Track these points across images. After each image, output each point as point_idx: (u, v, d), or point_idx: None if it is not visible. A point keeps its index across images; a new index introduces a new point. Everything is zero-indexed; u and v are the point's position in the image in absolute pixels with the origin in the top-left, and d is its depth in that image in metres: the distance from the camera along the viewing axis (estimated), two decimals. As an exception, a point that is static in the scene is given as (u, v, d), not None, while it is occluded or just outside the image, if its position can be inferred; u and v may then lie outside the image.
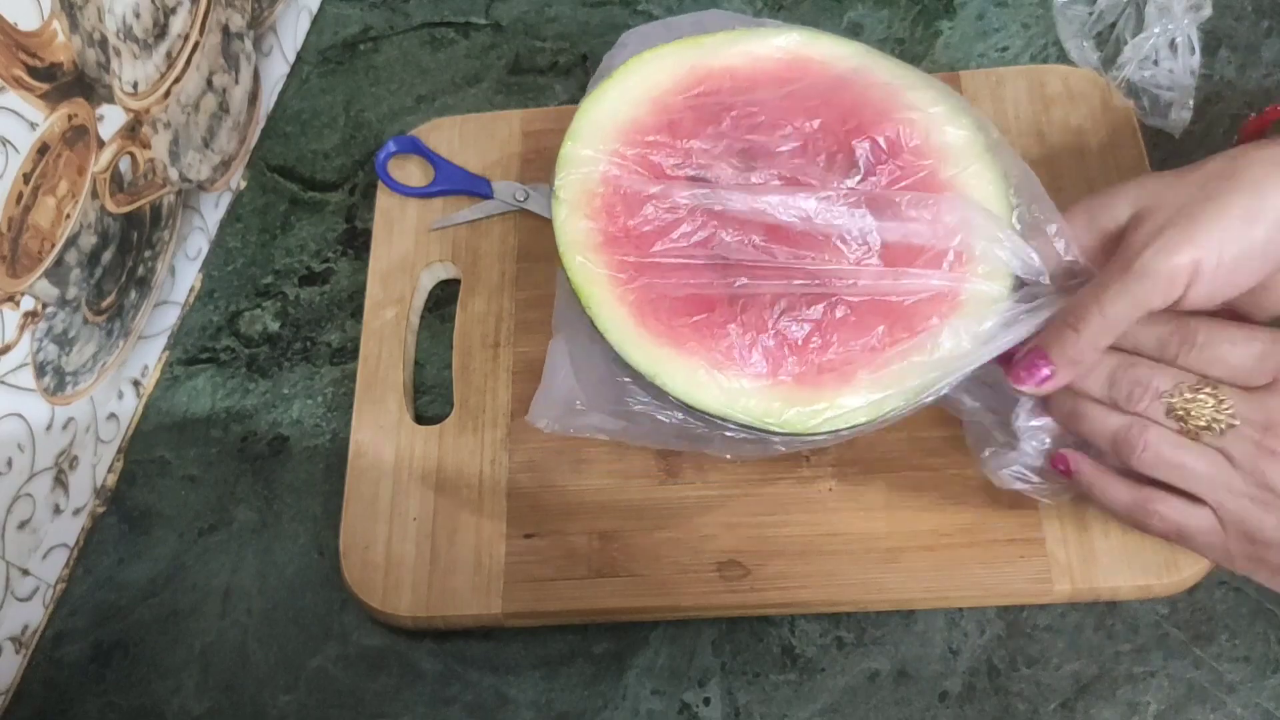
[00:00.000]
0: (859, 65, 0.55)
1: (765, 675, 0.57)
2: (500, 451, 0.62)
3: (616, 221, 0.53)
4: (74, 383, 0.62)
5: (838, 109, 0.54)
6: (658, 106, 0.55)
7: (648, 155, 0.54)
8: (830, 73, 0.55)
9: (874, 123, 0.54)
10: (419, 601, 0.59)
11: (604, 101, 0.55)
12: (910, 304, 0.51)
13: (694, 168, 0.54)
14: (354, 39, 0.81)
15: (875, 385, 0.51)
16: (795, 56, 0.56)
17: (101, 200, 0.62)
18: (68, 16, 0.58)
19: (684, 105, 0.55)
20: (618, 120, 0.55)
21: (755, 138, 0.54)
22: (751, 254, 0.52)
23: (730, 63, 0.55)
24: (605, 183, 0.54)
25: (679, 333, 0.52)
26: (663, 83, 0.55)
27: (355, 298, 0.70)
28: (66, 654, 0.62)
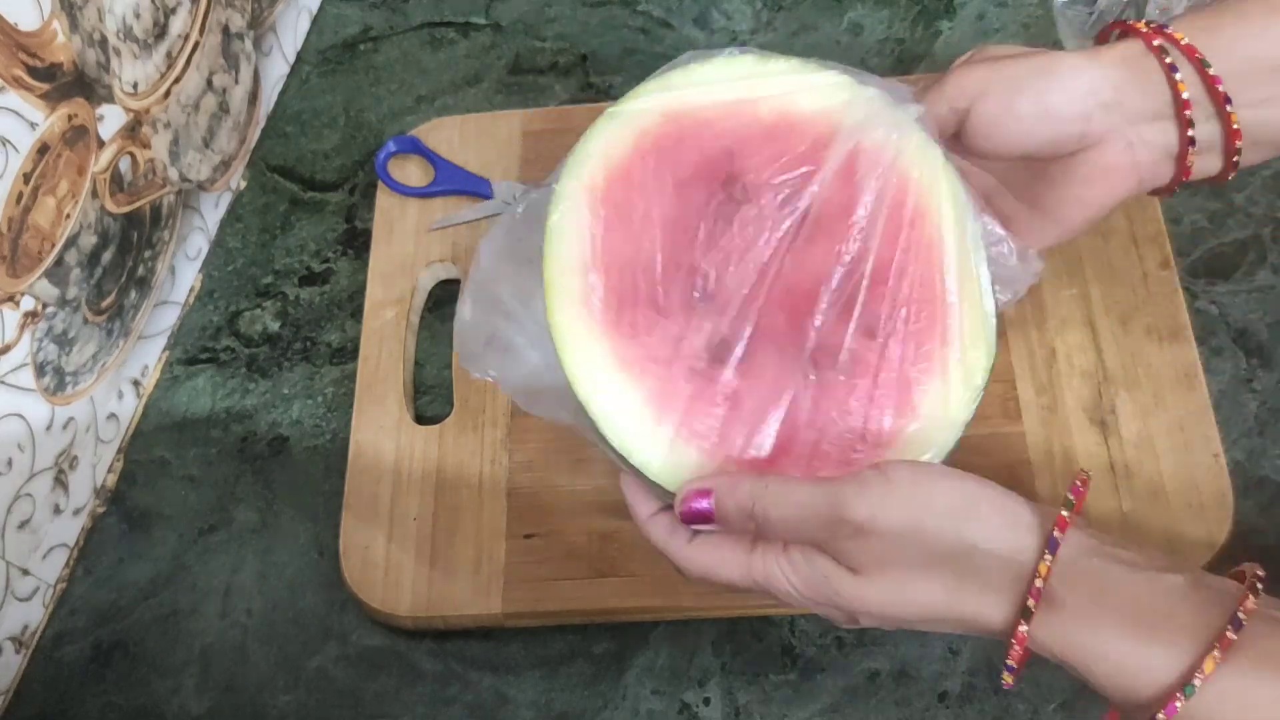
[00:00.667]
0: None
1: (765, 675, 0.57)
2: (500, 451, 0.62)
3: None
4: (74, 383, 0.62)
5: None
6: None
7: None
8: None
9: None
10: (419, 601, 0.59)
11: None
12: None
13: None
14: (354, 39, 0.81)
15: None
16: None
17: (101, 200, 0.62)
18: (68, 17, 0.58)
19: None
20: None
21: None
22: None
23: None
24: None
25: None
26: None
27: (355, 298, 0.70)
28: (66, 654, 0.62)
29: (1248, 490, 0.58)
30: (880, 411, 0.47)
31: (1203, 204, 0.66)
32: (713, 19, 0.78)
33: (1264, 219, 0.66)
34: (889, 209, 0.48)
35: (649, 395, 0.48)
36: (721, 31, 0.78)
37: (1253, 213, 0.66)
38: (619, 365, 0.48)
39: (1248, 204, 0.66)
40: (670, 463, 0.47)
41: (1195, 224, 0.66)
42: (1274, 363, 0.62)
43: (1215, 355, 0.62)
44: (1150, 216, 0.63)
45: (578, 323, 0.48)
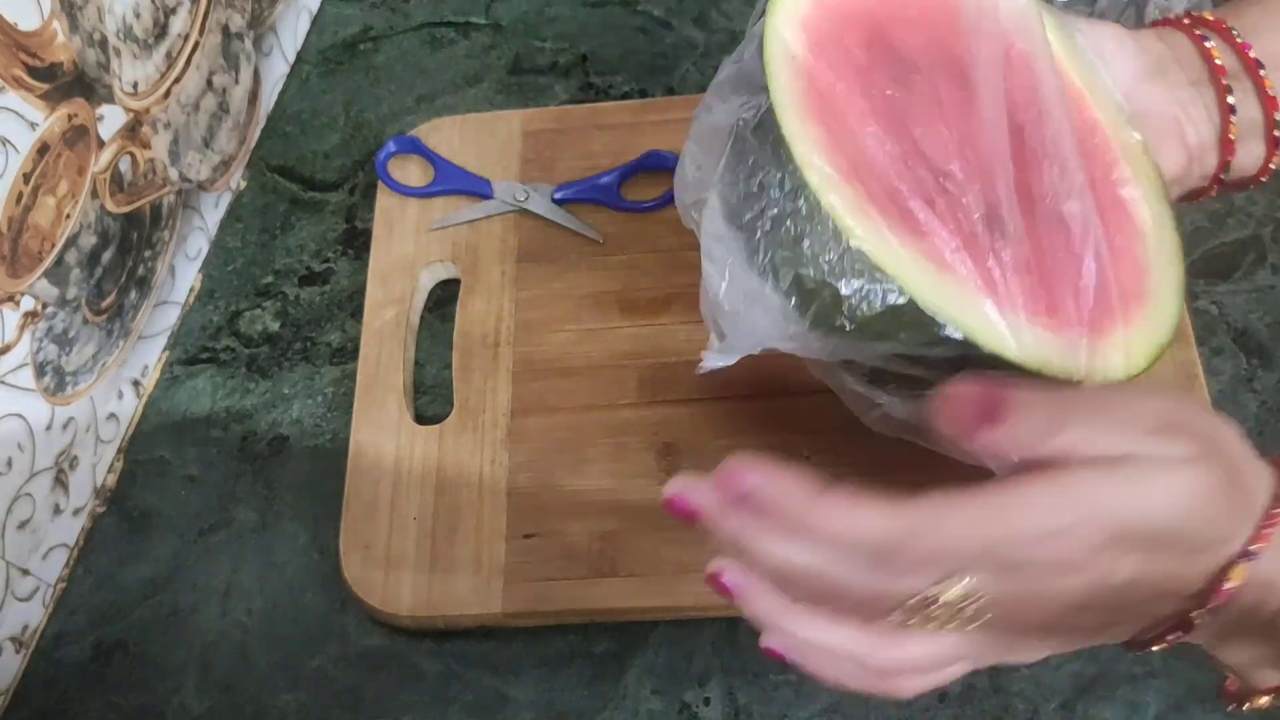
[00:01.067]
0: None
1: (765, 675, 0.57)
2: (500, 451, 0.62)
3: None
4: (74, 383, 0.62)
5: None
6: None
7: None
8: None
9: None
10: (419, 601, 0.59)
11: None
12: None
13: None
14: (354, 39, 0.81)
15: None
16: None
17: (101, 200, 0.62)
18: (68, 17, 0.58)
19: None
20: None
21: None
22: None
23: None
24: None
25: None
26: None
27: (355, 298, 0.70)
28: (67, 654, 0.62)
29: (1248, 490, 0.58)
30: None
31: (1203, 204, 0.66)
32: (712, 19, 0.78)
33: (1264, 219, 0.66)
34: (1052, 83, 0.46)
35: (967, 281, 0.44)
36: (721, 31, 0.78)
37: (1253, 213, 0.66)
38: (936, 267, 0.44)
39: (1248, 204, 0.66)
40: (1027, 345, 0.44)
41: (1195, 224, 0.66)
42: (1274, 363, 0.62)
43: (1215, 355, 0.62)
44: (1150, 216, 0.63)
45: (858, 214, 0.44)
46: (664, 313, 0.65)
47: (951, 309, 0.43)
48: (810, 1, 0.48)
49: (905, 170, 0.46)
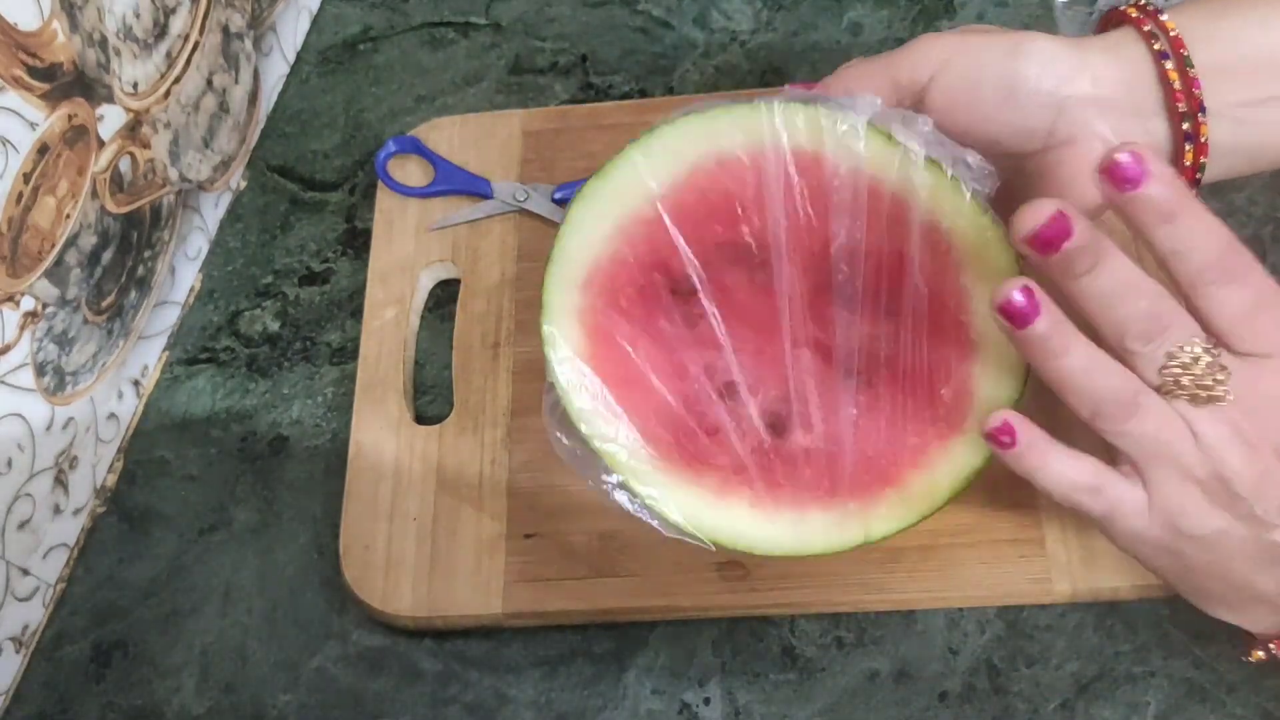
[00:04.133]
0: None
1: (765, 675, 0.57)
2: (500, 451, 0.62)
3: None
4: (74, 383, 0.62)
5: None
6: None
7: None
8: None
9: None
10: (419, 601, 0.59)
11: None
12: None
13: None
14: (354, 39, 0.81)
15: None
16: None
17: (101, 200, 0.62)
18: (68, 16, 0.58)
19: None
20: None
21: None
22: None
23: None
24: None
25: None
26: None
27: (355, 298, 0.70)
28: (66, 654, 0.62)
29: (1248, 490, 0.58)
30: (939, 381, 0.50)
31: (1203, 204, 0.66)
32: (712, 19, 0.78)
33: (1264, 219, 0.66)
34: (866, 215, 0.48)
35: (750, 500, 0.51)
36: (721, 31, 0.78)
37: (1252, 213, 0.66)
38: (716, 499, 0.51)
39: (1247, 204, 0.66)
40: (797, 535, 0.51)
41: (1195, 224, 0.66)
42: (1274, 363, 0.62)
43: (1215, 355, 0.62)
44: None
45: (660, 481, 0.51)
46: (664, 313, 0.65)
47: (719, 534, 0.51)
48: (600, 240, 0.51)
49: (689, 400, 0.51)
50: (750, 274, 0.51)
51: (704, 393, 0.51)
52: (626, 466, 0.50)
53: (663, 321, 0.51)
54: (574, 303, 0.51)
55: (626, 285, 0.51)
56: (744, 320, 0.51)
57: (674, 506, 0.50)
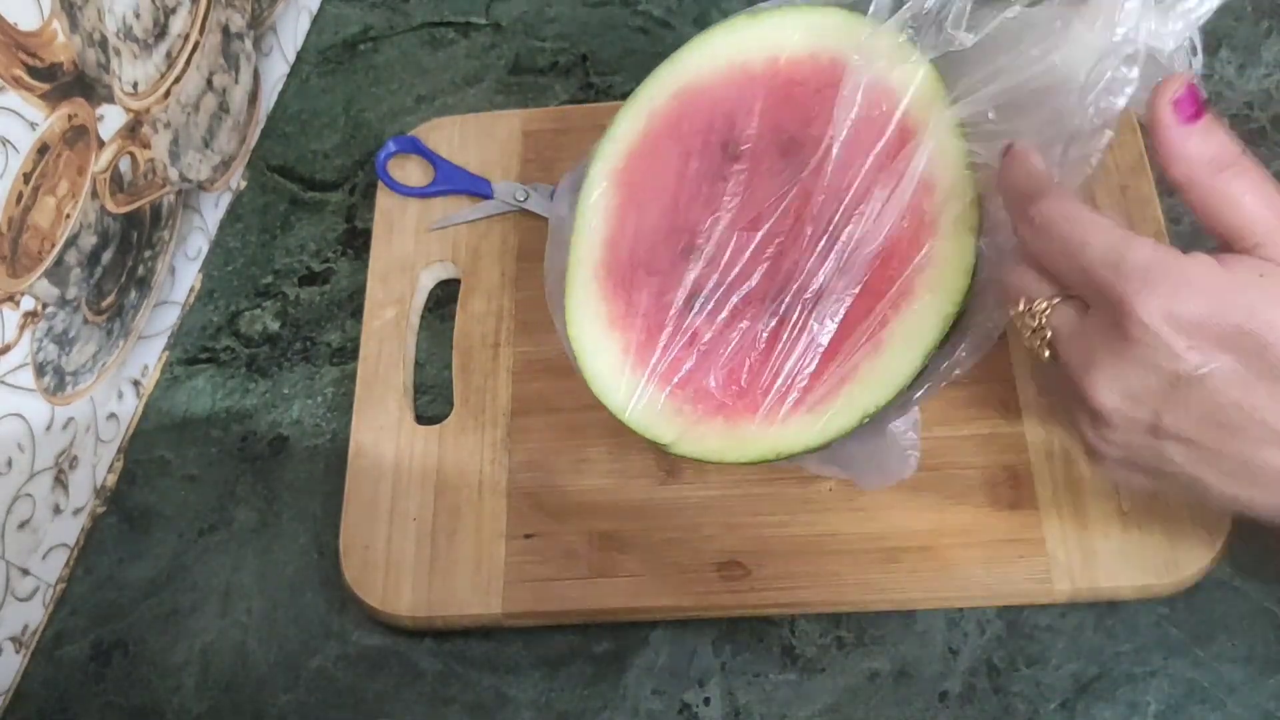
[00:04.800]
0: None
1: (765, 675, 0.57)
2: (500, 451, 0.62)
3: (720, 411, 0.55)
4: (74, 383, 0.62)
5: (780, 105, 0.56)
6: (619, 322, 0.57)
7: (662, 350, 0.56)
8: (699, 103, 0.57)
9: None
10: (419, 601, 0.59)
11: (595, 365, 0.56)
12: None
13: (688, 309, 0.55)
14: (354, 39, 0.81)
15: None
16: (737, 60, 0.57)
17: (101, 200, 0.62)
18: (68, 16, 0.58)
19: (626, 296, 0.57)
20: (619, 366, 0.56)
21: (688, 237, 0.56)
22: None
23: (604, 224, 0.58)
24: (676, 399, 0.56)
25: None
26: (599, 307, 0.57)
27: (355, 298, 0.70)
28: (66, 654, 0.62)
29: (1248, 490, 0.58)
30: (841, 355, 0.53)
31: (1203, 204, 0.66)
32: (712, 19, 0.78)
33: (1264, 219, 0.66)
34: (878, 154, 0.53)
35: (629, 346, 0.55)
36: (721, 31, 0.78)
37: (1253, 213, 0.66)
38: (606, 323, 0.56)
39: (1248, 204, 0.66)
40: (639, 408, 0.55)
41: (1195, 224, 0.66)
42: (1274, 363, 0.62)
43: (1215, 355, 0.62)
44: (1150, 216, 0.63)
45: (581, 292, 0.56)
46: (664, 313, 0.65)
47: (589, 368, 0.56)
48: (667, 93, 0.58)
49: (659, 234, 0.56)
50: (784, 168, 0.55)
51: (675, 237, 0.56)
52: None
53: (694, 162, 0.56)
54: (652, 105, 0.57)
55: (693, 120, 0.56)
56: (751, 202, 0.55)
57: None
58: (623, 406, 0.55)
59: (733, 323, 0.54)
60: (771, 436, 0.54)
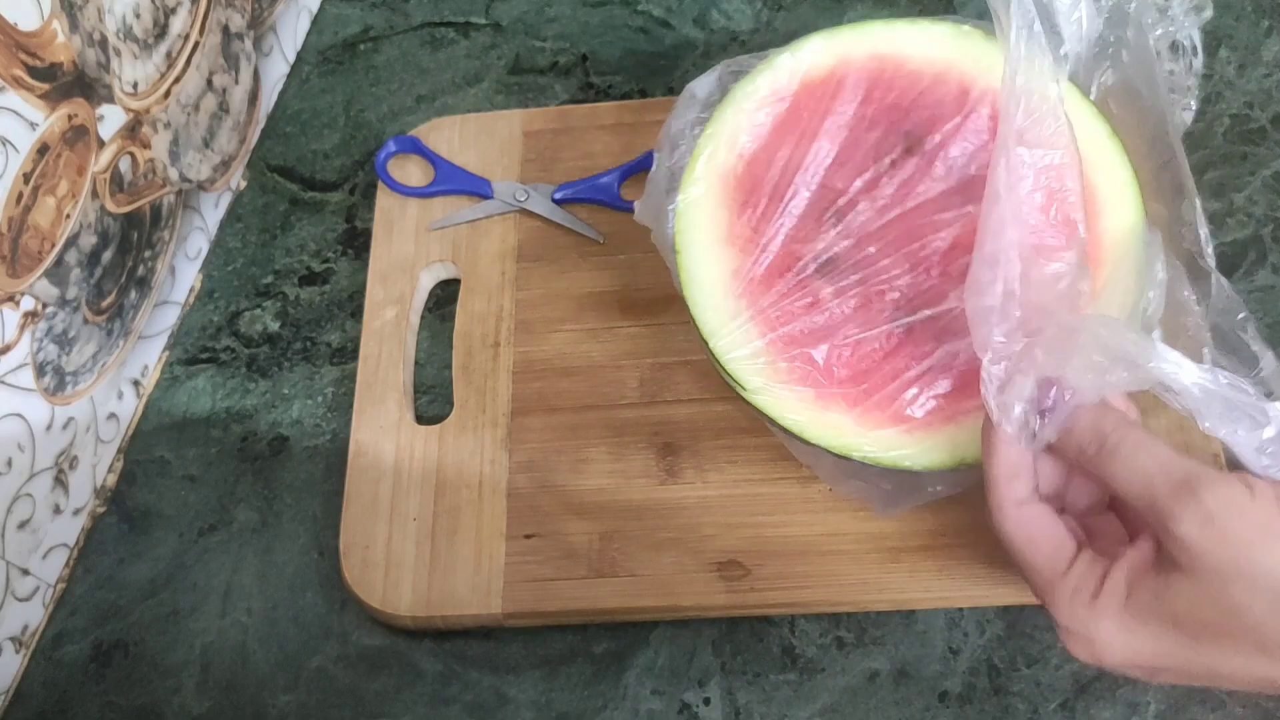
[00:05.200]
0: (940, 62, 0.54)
1: (765, 675, 0.57)
2: (500, 451, 0.62)
3: (812, 381, 0.52)
4: (74, 383, 0.62)
5: (883, 113, 0.54)
6: (737, 242, 0.54)
7: (776, 295, 0.53)
8: (856, 75, 0.55)
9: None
10: (419, 601, 0.59)
11: (696, 275, 0.54)
12: None
13: (813, 268, 0.53)
14: (354, 39, 0.81)
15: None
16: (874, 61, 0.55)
17: (101, 200, 0.62)
18: (68, 16, 0.58)
19: (751, 220, 0.54)
20: (724, 286, 0.53)
21: (832, 199, 0.54)
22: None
23: (749, 146, 0.55)
24: (773, 351, 0.53)
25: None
26: (719, 218, 0.54)
27: (355, 298, 0.70)
28: (66, 654, 0.62)
29: (1248, 490, 0.58)
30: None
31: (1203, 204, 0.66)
32: (712, 19, 0.78)
33: (1264, 219, 0.66)
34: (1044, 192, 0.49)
35: (741, 272, 0.52)
36: (721, 32, 0.78)
37: (1253, 213, 0.66)
38: (723, 235, 0.53)
39: (1248, 204, 0.66)
40: (732, 339, 0.52)
41: (1195, 224, 0.66)
42: (1274, 363, 0.62)
43: (1215, 355, 0.62)
44: (1150, 216, 0.63)
45: (703, 188, 0.53)
46: (664, 313, 0.65)
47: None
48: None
49: (806, 186, 0.53)
50: (956, 190, 0.53)
51: (824, 193, 0.53)
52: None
53: (873, 133, 0.53)
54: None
55: (887, 91, 0.54)
56: (913, 203, 0.53)
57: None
58: (714, 329, 0.52)
59: (862, 311, 0.52)
60: (857, 435, 0.51)
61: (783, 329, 0.52)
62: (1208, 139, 0.68)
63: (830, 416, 0.52)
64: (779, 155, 0.54)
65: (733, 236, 0.53)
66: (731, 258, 0.53)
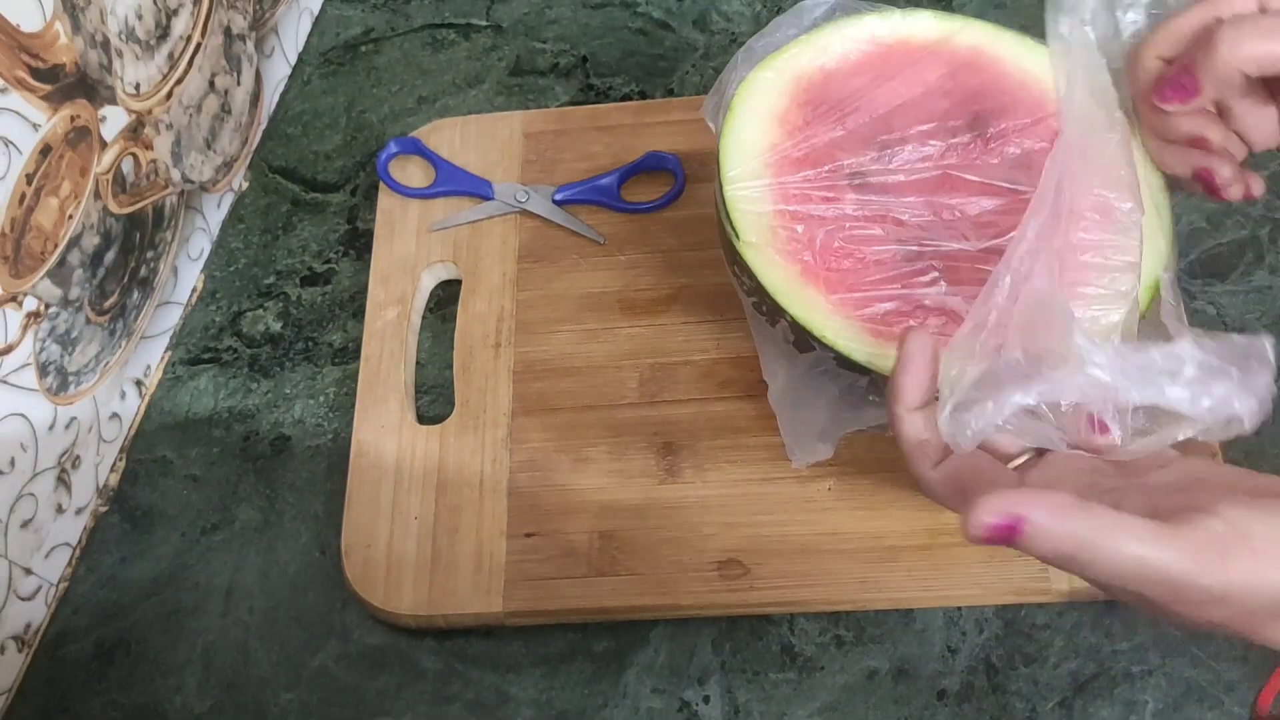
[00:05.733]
0: (972, 43, 0.56)
1: (765, 673, 0.57)
2: (501, 451, 0.62)
3: (802, 255, 0.53)
4: (77, 383, 0.62)
5: (961, 90, 0.55)
6: (786, 125, 0.55)
7: (802, 178, 0.54)
8: (951, 53, 0.56)
9: (999, 103, 0.55)
10: (420, 600, 0.59)
11: (738, 132, 0.55)
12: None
13: (845, 174, 0.54)
14: (355, 40, 0.81)
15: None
16: (898, 43, 0.56)
17: (104, 201, 0.62)
18: (70, 18, 0.58)
19: (808, 116, 0.55)
20: (759, 149, 0.55)
21: (887, 132, 0.55)
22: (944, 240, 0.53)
23: (833, 63, 0.56)
24: (778, 218, 0.54)
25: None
26: (780, 102, 0.56)
27: (357, 298, 0.70)
28: (69, 653, 0.62)
29: (1245, 489, 0.58)
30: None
31: (1200, 205, 0.67)
32: (712, 21, 0.79)
33: (1262, 220, 0.66)
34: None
35: (777, 150, 0.54)
36: (721, 33, 0.78)
37: (1250, 213, 0.66)
38: (775, 114, 0.54)
39: (1245, 205, 0.66)
40: (747, 191, 0.53)
41: (1193, 225, 0.66)
42: (1271, 363, 0.62)
43: (1213, 355, 0.62)
44: (1148, 217, 0.63)
45: (770, 77, 0.55)
46: (664, 313, 0.65)
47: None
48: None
49: (871, 114, 0.54)
50: (1008, 179, 0.54)
51: (881, 127, 0.55)
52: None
53: (945, 103, 0.55)
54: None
55: (966, 74, 0.55)
56: (971, 176, 0.54)
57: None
58: (734, 177, 0.54)
59: (873, 223, 0.53)
60: (825, 314, 0.52)
61: (795, 206, 0.53)
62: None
63: (807, 291, 0.52)
64: (854, 81, 0.55)
65: (785, 119, 0.54)
66: (776, 134, 0.54)
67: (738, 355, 0.63)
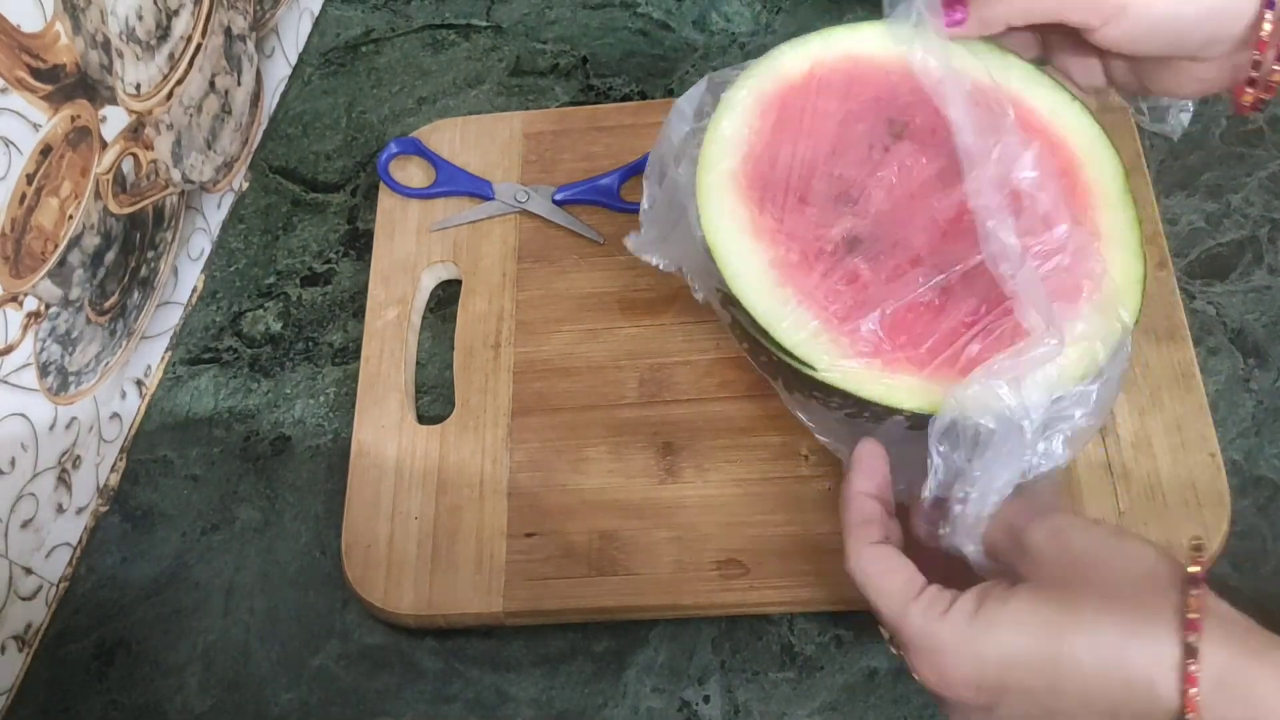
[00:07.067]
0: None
1: (764, 673, 0.57)
2: (501, 451, 0.62)
3: (874, 353, 0.53)
4: (77, 383, 0.63)
5: (865, 106, 0.55)
6: (764, 233, 0.55)
7: (819, 277, 0.54)
8: (829, 73, 0.56)
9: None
10: (420, 600, 0.59)
11: (736, 264, 0.54)
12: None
13: (844, 250, 0.54)
14: (355, 41, 0.81)
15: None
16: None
17: (104, 201, 0.62)
18: (70, 18, 0.58)
19: (773, 213, 0.55)
20: (762, 272, 0.54)
21: (841, 184, 0.55)
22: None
23: (746, 145, 0.56)
24: (828, 329, 0.53)
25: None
26: (741, 213, 0.55)
27: (357, 298, 0.70)
28: (69, 652, 0.62)
29: (1245, 490, 0.58)
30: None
31: (1200, 205, 0.67)
32: (712, 21, 0.79)
33: (1261, 220, 0.66)
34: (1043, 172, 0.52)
35: (778, 262, 0.53)
36: (721, 34, 0.78)
37: (1249, 213, 0.66)
38: (749, 230, 0.53)
39: (1244, 205, 0.66)
40: (792, 323, 0.52)
41: (1192, 225, 0.66)
42: (1270, 362, 0.62)
43: (1212, 355, 0.62)
44: (1148, 217, 0.64)
45: (717, 193, 0.54)
46: (664, 313, 0.66)
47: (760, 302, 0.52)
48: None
49: (816, 177, 0.55)
50: (946, 162, 0.54)
51: (832, 182, 0.55)
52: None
53: (860, 125, 0.55)
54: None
55: (864, 86, 0.56)
56: (916, 179, 0.55)
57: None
58: (773, 318, 0.52)
59: (898, 280, 0.53)
60: (934, 387, 0.51)
61: (832, 307, 0.53)
62: (1205, 140, 0.68)
63: (902, 380, 0.51)
64: (781, 153, 0.55)
65: (759, 230, 0.54)
66: (764, 249, 0.53)
67: (738, 355, 0.63)
